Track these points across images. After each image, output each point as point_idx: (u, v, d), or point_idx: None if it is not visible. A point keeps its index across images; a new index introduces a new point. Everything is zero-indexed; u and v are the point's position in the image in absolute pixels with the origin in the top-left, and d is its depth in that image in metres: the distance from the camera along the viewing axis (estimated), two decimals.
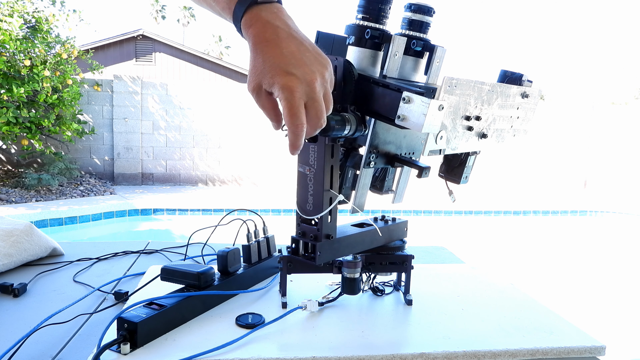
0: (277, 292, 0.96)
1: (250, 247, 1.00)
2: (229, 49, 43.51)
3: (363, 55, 0.77)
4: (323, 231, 0.78)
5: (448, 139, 0.69)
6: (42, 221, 5.08)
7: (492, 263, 4.63)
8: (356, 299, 0.94)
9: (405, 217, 0.98)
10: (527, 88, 0.83)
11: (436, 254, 1.41)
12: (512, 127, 0.84)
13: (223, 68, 16.08)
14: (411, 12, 0.77)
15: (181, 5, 43.18)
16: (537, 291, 3.59)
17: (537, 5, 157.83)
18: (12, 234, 1.16)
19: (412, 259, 0.92)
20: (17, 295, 0.97)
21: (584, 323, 0.97)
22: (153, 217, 5.97)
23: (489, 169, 8.22)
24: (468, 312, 0.91)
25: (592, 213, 7.18)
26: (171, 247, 1.36)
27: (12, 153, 7.11)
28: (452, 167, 0.90)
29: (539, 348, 0.78)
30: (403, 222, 0.97)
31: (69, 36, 6.81)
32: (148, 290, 0.94)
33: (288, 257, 0.86)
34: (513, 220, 6.83)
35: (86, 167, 7.53)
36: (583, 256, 5.20)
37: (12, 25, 5.63)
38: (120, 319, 0.73)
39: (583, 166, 8.78)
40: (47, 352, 0.76)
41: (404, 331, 0.83)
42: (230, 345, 0.74)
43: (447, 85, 0.65)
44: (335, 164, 0.77)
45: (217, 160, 7.89)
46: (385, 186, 0.89)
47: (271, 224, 1.08)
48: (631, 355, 2.82)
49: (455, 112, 0.69)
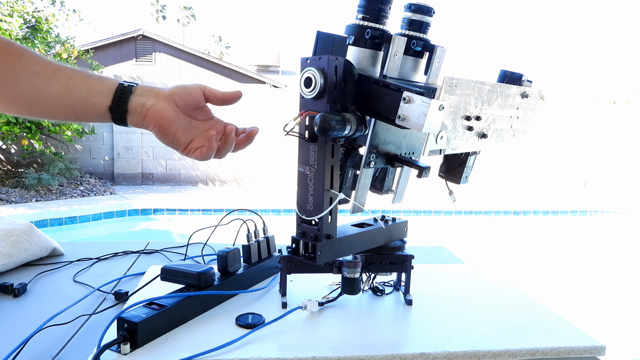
0: (277, 292, 0.96)
1: (250, 247, 1.00)
2: (229, 49, 43.52)
3: (363, 55, 0.77)
4: (323, 231, 0.77)
5: (448, 139, 0.69)
6: (42, 221, 5.08)
7: (492, 263, 4.63)
8: (356, 299, 0.94)
9: (405, 217, 0.98)
10: (526, 88, 0.82)
11: (436, 254, 1.41)
12: (512, 127, 0.84)
13: (223, 68, 16.08)
14: (411, 12, 0.77)
15: (181, 5, 43.19)
16: (537, 291, 3.59)
17: (537, 5, 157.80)
18: (12, 234, 1.16)
19: (412, 259, 0.92)
20: (17, 295, 0.97)
21: (584, 323, 0.97)
22: (153, 217, 5.97)
23: (489, 169, 8.22)
24: (468, 312, 0.91)
25: (592, 213, 7.18)
26: (171, 247, 1.36)
27: (12, 153, 7.11)
28: (452, 167, 0.90)
29: (539, 348, 0.78)
30: (403, 222, 0.97)
31: (69, 36, 6.82)
32: (148, 290, 0.94)
33: (288, 257, 0.86)
34: (513, 220, 6.83)
35: (86, 167, 7.53)
36: (583, 256, 5.20)
37: (12, 25, 5.63)
38: (120, 319, 0.73)
39: (583, 166, 8.78)
40: (47, 352, 0.76)
41: (404, 331, 0.83)
42: (230, 345, 0.74)
43: (447, 85, 0.65)
44: (336, 164, 0.77)
45: (217, 160, 7.88)
46: (385, 186, 0.89)
47: (271, 224, 1.08)
48: (631, 355, 2.82)
49: (456, 112, 0.69)
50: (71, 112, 0.66)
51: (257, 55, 24.96)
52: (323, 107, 0.72)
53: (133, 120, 0.67)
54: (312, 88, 0.72)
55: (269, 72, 23.64)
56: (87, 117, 0.67)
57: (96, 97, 0.66)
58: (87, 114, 0.67)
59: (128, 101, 0.66)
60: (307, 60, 0.73)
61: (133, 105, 0.67)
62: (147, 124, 0.67)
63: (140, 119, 0.67)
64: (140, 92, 0.67)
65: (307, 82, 0.72)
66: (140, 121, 0.67)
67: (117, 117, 0.67)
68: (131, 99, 0.66)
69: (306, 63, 0.73)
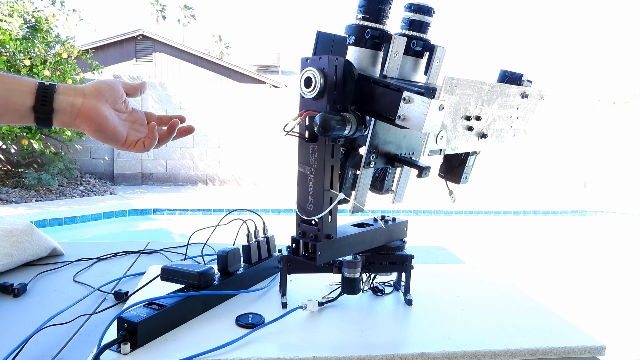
0: (277, 292, 0.96)
1: (250, 247, 1.00)
2: (229, 49, 43.51)
3: (363, 55, 0.77)
4: (323, 231, 0.77)
5: (448, 139, 0.69)
6: (42, 221, 5.08)
7: (492, 263, 4.63)
8: (356, 299, 0.94)
9: (405, 217, 0.98)
10: (526, 88, 0.82)
11: (436, 254, 1.41)
12: (512, 127, 0.84)
13: (223, 68, 16.08)
14: (411, 12, 0.78)
15: (181, 5, 43.18)
16: (537, 291, 3.59)
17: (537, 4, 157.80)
18: (12, 234, 1.16)
19: (412, 259, 0.92)
20: (17, 295, 0.97)
21: (584, 323, 0.97)
22: (153, 217, 5.97)
23: (489, 169, 8.22)
24: (468, 312, 0.91)
25: (592, 213, 7.18)
26: (171, 247, 1.36)
27: (12, 153, 7.11)
28: (452, 167, 0.90)
29: (539, 348, 0.78)
30: (403, 222, 0.97)
31: (68, 36, 6.81)
32: (148, 290, 0.94)
33: (288, 257, 0.86)
34: (513, 220, 6.83)
35: (86, 167, 7.53)
36: (583, 256, 5.20)
37: (12, 25, 5.63)
38: (120, 319, 0.73)
39: (583, 166, 8.78)
40: (48, 352, 0.76)
41: (404, 331, 0.83)
42: (230, 345, 0.74)
43: (447, 85, 0.65)
44: (336, 164, 0.77)
45: (217, 160, 7.89)
46: (385, 186, 0.89)
47: (271, 224, 1.08)
48: (631, 355, 2.82)
49: (456, 112, 0.69)
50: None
51: (257, 55, 24.97)
52: (323, 107, 0.72)
53: (61, 119, 0.64)
54: (312, 88, 0.72)
55: (269, 72, 23.64)
56: (5, 119, 0.63)
57: (16, 96, 0.62)
58: (7, 115, 0.62)
59: (53, 100, 0.63)
60: (307, 60, 0.73)
61: (61, 105, 0.63)
62: (79, 123, 0.65)
63: (71, 118, 0.64)
64: (64, 91, 0.64)
65: (307, 82, 0.72)
66: (71, 121, 0.64)
67: (41, 118, 0.63)
68: (56, 98, 0.63)
69: (306, 63, 0.73)
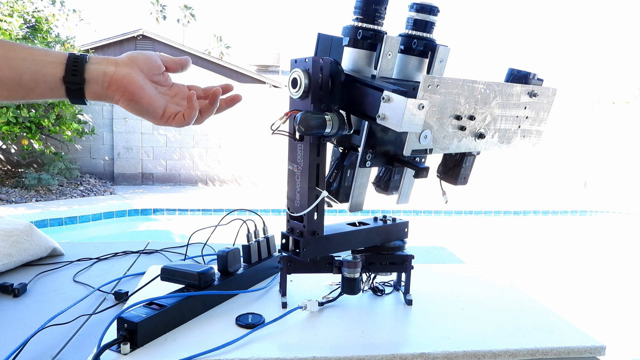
0: (277, 292, 0.96)
1: (250, 247, 1.00)
2: (230, 49, 43.51)
3: (358, 56, 0.77)
4: (308, 228, 0.78)
5: (435, 139, 0.69)
6: (42, 221, 5.08)
7: (492, 263, 4.63)
8: (356, 299, 0.94)
9: (406, 217, 0.98)
10: (535, 86, 0.80)
11: (436, 254, 1.41)
12: (520, 128, 0.82)
13: (223, 68, 16.08)
14: (414, 11, 0.78)
15: (181, 5, 43.18)
16: (537, 291, 3.59)
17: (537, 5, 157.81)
18: (12, 234, 1.16)
19: (412, 259, 0.92)
20: (17, 295, 0.97)
21: (584, 323, 0.97)
22: (153, 217, 5.97)
23: (489, 168, 8.22)
24: (468, 312, 0.91)
25: (592, 213, 7.18)
26: (171, 247, 1.36)
27: (12, 153, 7.11)
28: (448, 168, 0.89)
29: (539, 348, 0.78)
30: (403, 223, 0.97)
31: (68, 36, 6.82)
32: (148, 290, 0.94)
33: (288, 257, 0.86)
34: (513, 220, 6.83)
35: (86, 167, 7.53)
36: (583, 256, 5.20)
37: (12, 25, 5.63)
38: (120, 319, 0.73)
39: (583, 166, 8.78)
40: (47, 352, 0.76)
41: (404, 331, 0.83)
42: (230, 345, 0.74)
43: (427, 84, 0.64)
44: (322, 162, 0.78)
45: (217, 160, 7.89)
46: (391, 186, 0.89)
47: (271, 224, 1.08)
48: (631, 355, 2.82)
49: (442, 111, 0.68)
50: (17, 88, 0.58)
51: (257, 55, 24.97)
52: (307, 107, 0.73)
53: (93, 90, 0.60)
54: (297, 88, 0.73)
55: (269, 72, 23.64)
56: (36, 93, 0.59)
57: (45, 67, 0.58)
58: (37, 89, 0.59)
59: (84, 70, 0.59)
60: (295, 61, 0.75)
61: (92, 74, 0.59)
62: (112, 94, 0.61)
63: (103, 88, 0.60)
64: (95, 60, 0.60)
65: (294, 82, 0.74)
66: (103, 91, 0.60)
67: (72, 89, 0.59)
68: (87, 67, 0.59)
69: (294, 64, 0.75)
